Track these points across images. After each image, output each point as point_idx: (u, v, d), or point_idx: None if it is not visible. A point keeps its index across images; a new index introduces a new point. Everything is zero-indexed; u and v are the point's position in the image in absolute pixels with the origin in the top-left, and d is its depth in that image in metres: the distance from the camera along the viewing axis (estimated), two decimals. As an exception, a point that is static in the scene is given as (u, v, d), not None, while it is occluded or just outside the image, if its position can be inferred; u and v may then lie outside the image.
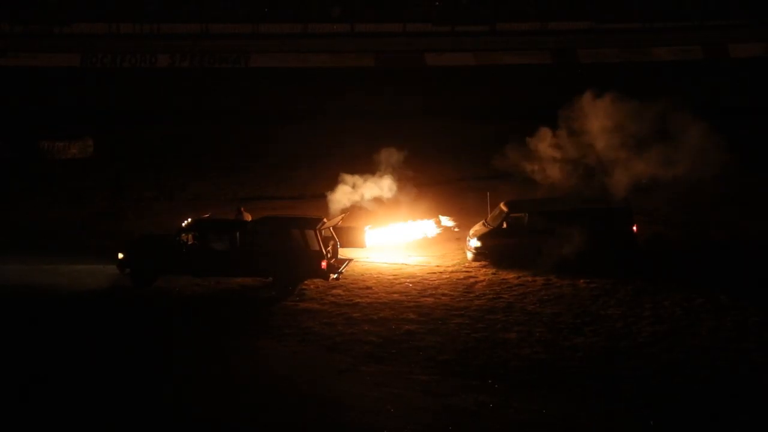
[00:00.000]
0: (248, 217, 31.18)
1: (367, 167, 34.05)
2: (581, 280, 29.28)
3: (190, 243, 29.19)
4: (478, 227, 32.02)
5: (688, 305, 27.00)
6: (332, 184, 34.13)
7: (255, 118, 56.63)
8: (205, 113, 57.78)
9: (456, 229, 33.68)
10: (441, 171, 43.70)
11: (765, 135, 49.29)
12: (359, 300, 28.02)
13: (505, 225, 31.15)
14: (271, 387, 22.00)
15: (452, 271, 30.84)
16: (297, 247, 28.70)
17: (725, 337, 24.61)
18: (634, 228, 31.12)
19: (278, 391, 21.74)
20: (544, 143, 32.89)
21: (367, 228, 32.18)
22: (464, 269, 31.02)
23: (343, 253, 30.82)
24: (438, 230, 33.45)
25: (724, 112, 47.90)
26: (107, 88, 64.84)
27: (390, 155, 34.01)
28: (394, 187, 33.62)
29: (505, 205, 31.78)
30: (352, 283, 29.49)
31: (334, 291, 28.76)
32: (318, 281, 29.03)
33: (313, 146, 48.94)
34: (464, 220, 33.81)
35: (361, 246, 31.80)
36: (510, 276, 30.14)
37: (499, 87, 65.07)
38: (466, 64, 72.82)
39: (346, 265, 29.92)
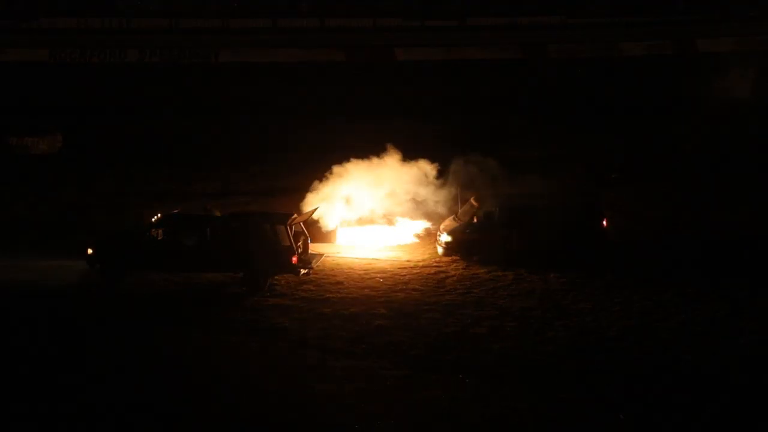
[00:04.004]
0: (217, 214, 31.04)
1: (336, 161, 34.11)
2: (552, 275, 29.38)
3: (159, 238, 29.06)
4: (448, 222, 32.06)
5: (658, 299, 27.17)
6: (302, 179, 34.16)
7: (224, 113, 56.36)
8: (174, 108, 57.44)
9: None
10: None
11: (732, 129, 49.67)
12: (330, 295, 27.99)
13: (475, 220, 31.21)
14: (240, 383, 21.92)
15: (423, 266, 30.89)
16: (267, 243, 28.61)
17: (694, 331, 24.74)
18: (604, 222, 31.27)
19: (248, 388, 21.66)
20: None
21: (337, 224, 32.23)
22: (435, 264, 31.08)
23: (314, 248, 30.78)
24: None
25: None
26: (76, 83, 64.33)
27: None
28: None
29: (476, 200, 31.84)
30: (323, 279, 29.46)
31: (305, 286, 28.72)
32: (288, 276, 28.98)
33: (282, 141, 48.80)
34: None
35: (331, 242, 31.87)
36: (481, 271, 30.21)
37: (469, 81, 65.03)
38: (437, 59, 72.77)
39: (317, 260, 29.87)
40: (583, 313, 26.29)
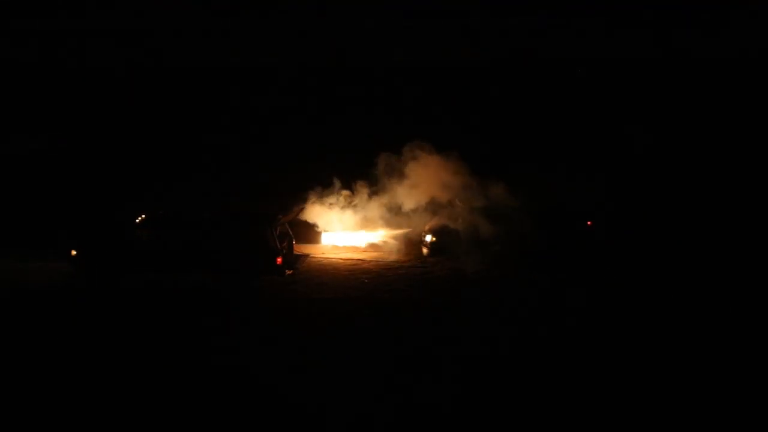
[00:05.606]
0: (203, 214, 30.99)
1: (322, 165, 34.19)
2: (539, 276, 29.34)
3: (143, 239, 29.01)
4: (433, 223, 32.04)
5: (646, 302, 27.09)
6: (299, 179, 34.21)
7: (221, 113, 56.37)
8: (171, 110, 57.50)
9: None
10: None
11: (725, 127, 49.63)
12: (315, 296, 27.91)
13: (460, 221, 31.19)
14: (223, 387, 21.83)
15: (408, 267, 30.84)
16: (252, 243, 28.59)
17: (688, 336, 24.62)
18: (588, 223, 31.23)
19: (230, 391, 21.57)
20: None
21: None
22: (420, 265, 31.03)
23: (299, 248, 30.76)
24: None
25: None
26: (74, 84, 64.46)
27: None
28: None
29: (460, 200, 31.84)
30: (307, 280, 29.41)
31: (290, 287, 28.66)
32: (273, 277, 28.94)
33: (278, 142, 48.78)
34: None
35: (316, 243, 31.91)
36: (467, 272, 30.16)
37: (468, 82, 65.11)
38: (437, 59, 72.90)
39: (302, 261, 29.84)
40: (570, 314, 26.19)
